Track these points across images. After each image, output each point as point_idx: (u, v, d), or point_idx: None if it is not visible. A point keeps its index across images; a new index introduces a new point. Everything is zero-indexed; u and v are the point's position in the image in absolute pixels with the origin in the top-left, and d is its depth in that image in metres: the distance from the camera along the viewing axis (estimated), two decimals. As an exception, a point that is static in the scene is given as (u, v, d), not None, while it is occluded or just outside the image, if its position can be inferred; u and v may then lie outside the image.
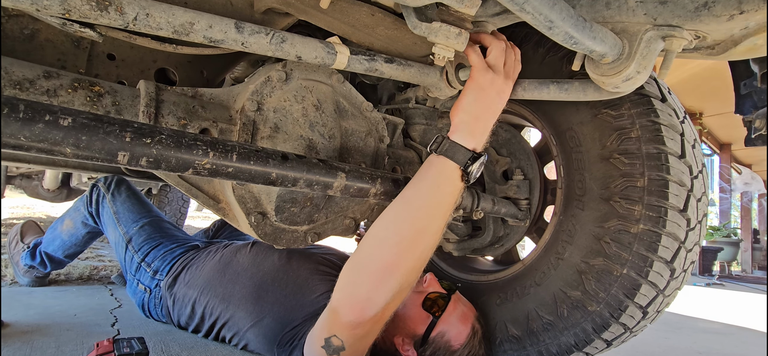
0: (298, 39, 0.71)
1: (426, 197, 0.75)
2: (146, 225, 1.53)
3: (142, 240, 1.48)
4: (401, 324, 1.06)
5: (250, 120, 0.82)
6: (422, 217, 0.74)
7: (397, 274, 0.72)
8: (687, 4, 0.60)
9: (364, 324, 0.74)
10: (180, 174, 0.74)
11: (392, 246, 0.73)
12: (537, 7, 0.56)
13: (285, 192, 0.87)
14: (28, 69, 0.68)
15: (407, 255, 0.73)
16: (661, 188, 0.89)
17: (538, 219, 1.23)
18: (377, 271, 0.73)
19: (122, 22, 0.59)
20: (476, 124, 0.77)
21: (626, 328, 0.96)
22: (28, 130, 0.47)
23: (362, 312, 0.73)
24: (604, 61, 0.70)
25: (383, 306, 0.73)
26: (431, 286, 1.11)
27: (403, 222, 0.74)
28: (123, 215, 1.56)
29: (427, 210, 0.74)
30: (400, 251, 0.73)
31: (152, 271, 1.41)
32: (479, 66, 0.77)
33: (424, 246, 0.74)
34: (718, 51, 0.67)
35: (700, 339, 2.15)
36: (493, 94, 0.78)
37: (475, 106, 0.77)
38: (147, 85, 0.74)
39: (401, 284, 0.73)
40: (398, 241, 0.73)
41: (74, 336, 1.27)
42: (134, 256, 1.46)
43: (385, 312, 0.75)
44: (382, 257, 0.73)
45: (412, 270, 0.74)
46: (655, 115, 0.91)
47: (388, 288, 0.72)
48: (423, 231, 0.74)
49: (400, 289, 0.73)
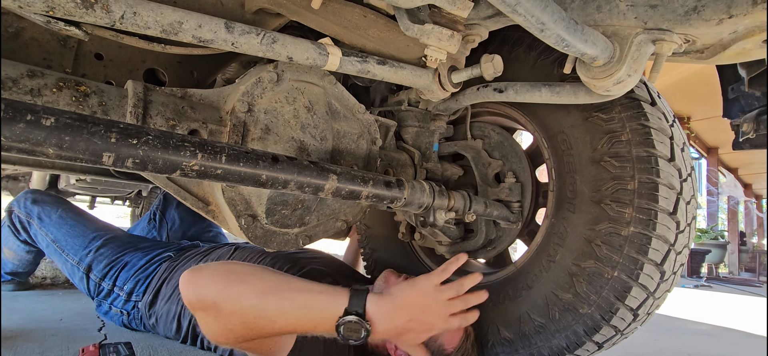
0: (289, 40, 0.71)
1: (302, 299, 0.82)
2: (102, 248, 1.39)
3: (106, 266, 1.36)
4: None
5: (240, 121, 0.81)
6: (284, 299, 0.81)
7: (233, 295, 0.81)
8: (677, 8, 0.61)
9: (185, 298, 0.84)
10: (168, 176, 0.73)
11: (248, 279, 0.83)
12: (529, 10, 0.56)
13: (276, 195, 0.86)
14: (11, 68, 0.66)
15: (251, 295, 0.81)
16: (651, 191, 0.90)
17: (529, 222, 1.23)
18: (228, 276, 0.83)
19: (108, 21, 0.57)
20: (386, 317, 0.84)
21: (617, 330, 0.97)
22: (8, 130, 0.46)
23: (185, 285, 0.83)
24: (595, 64, 0.71)
25: (197, 299, 0.82)
26: None
27: (269, 279, 0.84)
28: (66, 242, 1.41)
29: (288, 299, 0.81)
30: (247, 286, 0.81)
31: (126, 294, 1.33)
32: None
33: (256, 312, 0.80)
34: (707, 55, 0.68)
35: (690, 340, 2.17)
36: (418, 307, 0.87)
37: (390, 305, 0.85)
38: (135, 85, 0.73)
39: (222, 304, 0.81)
40: (253, 283, 0.82)
41: (59, 342, 1.24)
42: (101, 284, 1.36)
43: (195, 308, 0.83)
44: (240, 278, 0.83)
45: (242, 309, 0.81)
46: (645, 118, 0.92)
47: (214, 293, 0.81)
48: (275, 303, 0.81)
49: (217, 305, 0.81)
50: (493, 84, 0.97)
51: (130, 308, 1.32)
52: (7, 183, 2.96)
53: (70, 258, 1.39)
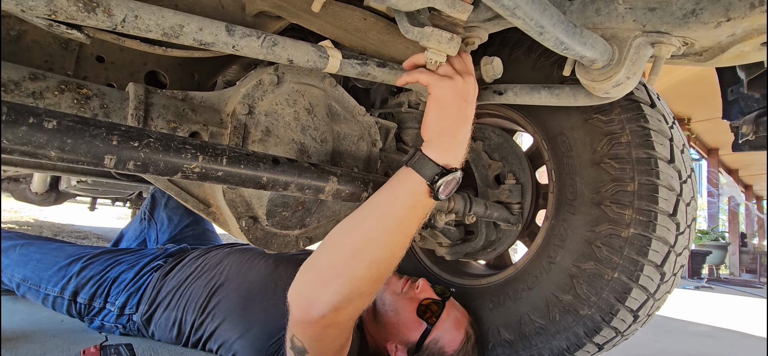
0: (290, 42, 0.71)
1: (385, 208, 0.72)
2: (84, 270, 1.31)
3: (92, 286, 1.29)
4: (393, 331, 1.06)
5: (241, 123, 0.82)
6: (377, 228, 0.71)
7: (343, 279, 0.69)
8: (675, 11, 0.61)
9: (312, 324, 0.71)
10: (169, 178, 0.73)
11: (341, 250, 0.71)
12: (528, 13, 0.56)
13: (276, 197, 0.86)
14: (13, 70, 0.67)
15: (354, 263, 0.70)
16: (650, 192, 0.90)
17: (530, 224, 1.24)
18: (322, 273, 0.71)
19: (110, 24, 0.58)
20: (446, 139, 0.73)
21: (618, 332, 0.97)
22: (11, 133, 0.46)
23: (307, 311, 0.70)
24: (594, 66, 0.71)
25: (329, 308, 0.69)
26: (424, 292, 1.10)
27: (357, 229, 0.72)
28: (39, 277, 1.31)
29: (384, 221, 0.71)
30: (347, 257, 0.70)
31: (118, 309, 1.27)
32: (432, 80, 0.72)
33: (375, 256, 0.70)
34: (705, 57, 0.68)
35: (690, 341, 2.17)
36: (458, 101, 0.73)
37: (441, 121, 0.72)
38: (136, 88, 0.73)
39: (350, 291, 0.69)
40: (347, 247, 0.71)
41: (60, 343, 1.24)
42: (92, 304, 1.29)
43: (337, 317, 0.71)
44: (330, 260, 0.72)
45: (363, 278, 0.70)
46: (645, 120, 0.92)
47: (333, 291, 0.69)
48: (374, 242, 0.70)
49: (350, 296, 0.70)
50: (493, 86, 0.97)
51: (124, 321, 1.29)
52: (8, 185, 2.97)
53: (49, 290, 1.31)
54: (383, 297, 1.12)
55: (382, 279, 0.73)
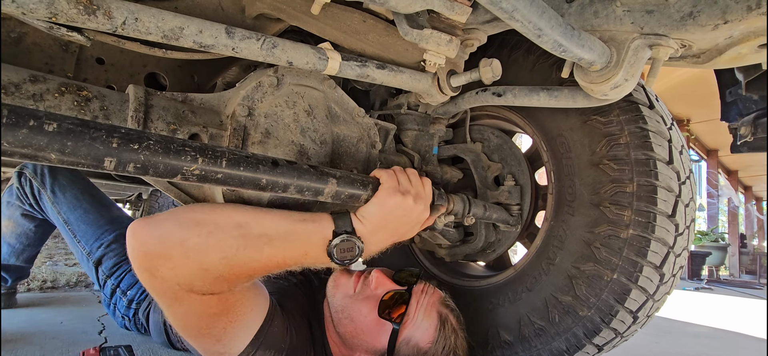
0: (289, 44, 0.71)
1: (286, 218, 0.74)
2: (114, 243, 1.30)
3: (114, 264, 1.28)
4: (356, 342, 0.91)
5: (240, 125, 0.82)
6: (265, 230, 0.71)
7: (197, 230, 0.67)
8: (673, 14, 0.61)
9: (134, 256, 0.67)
10: (169, 180, 0.73)
11: (229, 212, 0.71)
12: (526, 16, 0.56)
13: (276, 198, 0.86)
14: (13, 72, 0.67)
15: (222, 230, 0.68)
16: (649, 194, 0.90)
17: (529, 225, 1.24)
18: (190, 210, 0.70)
19: (110, 27, 0.58)
20: (372, 226, 0.77)
21: (617, 333, 0.97)
22: (11, 136, 0.46)
23: (139, 231, 0.67)
24: (592, 68, 0.71)
25: (157, 238, 0.66)
26: (381, 286, 0.94)
27: (246, 210, 0.72)
28: (78, 228, 1.32)
29: (277, 225, 0.72)
30: (225, 219, 0.69)
31: (127, 301, 1.26)
32: (383, 191, 0.78)
33: (240, 245, 0.68)
34: (703, 59, 0.69)
35: (690, 343, 2.17)
36: (397, 212, 0.78)
37: (376, 215, 0.77)
38: (136, 90, 0.73)
39: (189, 241, 0.66)
40: (236, 215, 0.70)
41: (60, 345, 1.24)
42: (107, 281, 1.29)
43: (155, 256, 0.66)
44: (206, 210, 0.71)
45: (213, 245, 0.67)
46: (644, 121, 0.93)
47: (180, 227, 0.67)
48: (254, 237, 0.70)
49: (184, 242, 0.66)
50: (492, 88, 0.98)
51: (131, 315, 1.28)
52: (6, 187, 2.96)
53: (80, 245, 1.31)
54: (334, 303, 0.96)
55: (232, 266, 0.68)
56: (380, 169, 0.82)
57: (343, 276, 1.00)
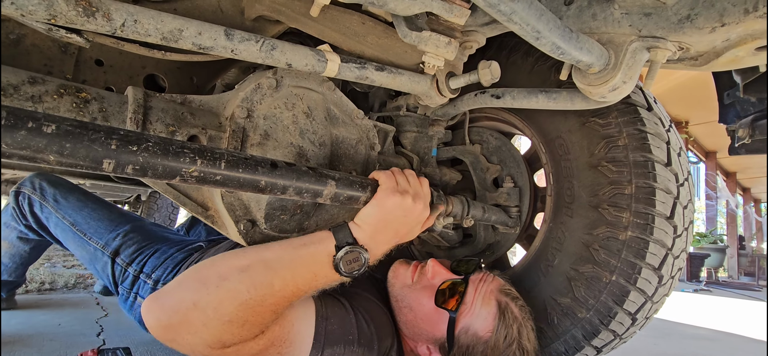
0: (288, 46, 0.71)
1: (289, 246, 0.76)
2: (132, 233, 1.30)
3: (135, 250, 1.27)
4: (418, 330, 0.93)
5: (239, 127, 0.82)
6: (272, 259, 0.73)
7: (207, 284, 0.69)
8: (670, 17, 0.62)
9: (155, 331, 0.69)
10: (168, 181, 0.73)
11: (228, 258, 0.73)
12: (524, 18, 0.56)
13: (275, 200, 0.86)
14: (12, 74, 0.67)
15: (227, 272, 0.71)
16: (648, 195, 0.90)
17: (528, 227, 1.24)
18: (197, 270, 0.72)
19: (109, 29, 0.58)
20: (370, 231, 0.78)
21: (616, 335, 0.97)
22: (9, 137, 0.46)
23: (153, 307, 0.69)
24: (590, 71, 0.72)
25: (170, 309, 0.68)
26: (438, 275, 0.95)
27: (253, 250, 0.75)
28: (88, 226, 1.30)
29: (283, 254, 0.74)
30: (226, 265, 0.72)
31: (153, 281, 1.22)
32: (381, 192, 0.78)
33: (251, 280, 0.71)
34: (701, 62, 0.69)
35: (689, 345, 2.17)
36: (397, 212, 0.78)
37: (374, 217, 0.78)
38: (135, 92, 0.73)
39: (200, 298, 0.68)
40: (236, 258, 0.73)
41: (58, 347, 1.24)
42: (127, 270, 1.26)
43: (175, 326, 0.68)
44: (210, 264, 0.72)
45: (224, 292, 0.69)
46: (642, 123, 0.93)
47: (188, 290, 0.69)
48: (261, 267, 0.72)
49: (197, 304, 0.68)
50: (491, 90, 0.98)
51: None
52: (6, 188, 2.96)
53: (92, 242, 1.28)
54: (394, 293, 0.99)
55: (248, 305, 0.70)
56: (378, 171, 0.82)
57: (401, 267, 1.02)
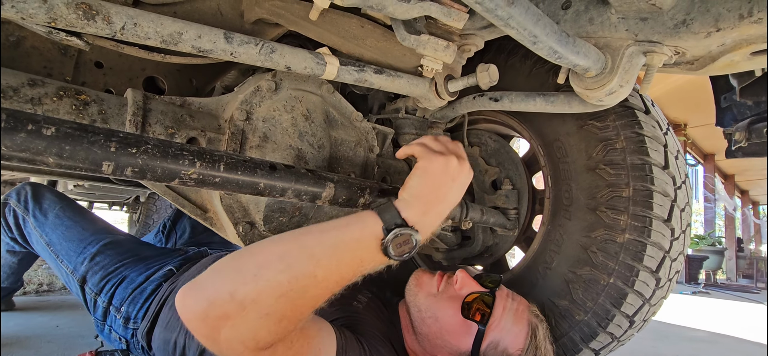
0: (287, 49, 0.71)
1: (332, 229, 0.66)
2: (98, 256, 1.19)
3: (101, 279, 1.17)
4: (439, 342, 0.89)
5: (238, 129, 0.82)
6: (313, 242, 0.64)
7: (243, 273, 0.61)
8: (666, 21, 0.62)
9: (188, 322, 0.60)
10: (166, 184, 0.73)
11: (266, 245, 0.64)
12: (521, 23, 0.57)
13: (273, 202, 0.86)
14: (12, 76, 0.67)
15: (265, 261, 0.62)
16: (645, 198, 0.91)
17: (526, 229, 1.24)
18: (233, 259, 0.63)
19: (109, 32, 0.58)
20: (420, 204, 0.69)
21: (613, 337, 0.97)
22: (9, 140, 0.46)
23: (186, 298, 0.60)
24: (587, 74, 0.72)
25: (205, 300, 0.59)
26: (466, 286, 0.92)
27: (291, 235, 0.66)
28: (61, 247, 1.22)
29: (325, 238, 0.65)
30: (264, 253, 0.63)
31: (123, 319, 1.12)
32: (424, 152, 0.72)
33: (289, 268, 0.62)
34: (697, 66, 0.69)
35: (687, 347, 2.17)
36: (444, 177, 0.71)
37: (421, 188, 0.70)
38: (134, 94, 0.74)
39: (238, 289, 0.59)
40: (274, 246, 0.64)
41: (56, 349, 1.24)
42: (96, 300, 1.17)
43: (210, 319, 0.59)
44: (250, 252, 0.64)
45: (262, 282, 0.60)
46: (639, 126, 0.93)
47: (224, 281, 0.60)
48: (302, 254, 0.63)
49: (234, 295, 0.59)
50: (489, 93, 0.98)
51: (129, 336, 1.13)
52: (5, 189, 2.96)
53: (64, 265, 1.20)
54: (417, 302, 0.94)
55: (290, 298, 0.62)
56: (411, 143, 0.75)
57: (426, 275, 0.98)
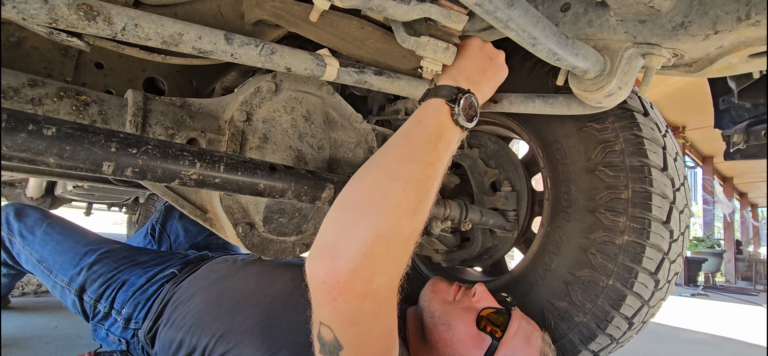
0: (287, 51, 0.72)
1: (409, 130, 0.67)
2: (96, 264, 1.19)
3: (101, 285, 1.17)
4: (450, 351, 0.89)
5: (239, 130, 0.82)
6: (406, 147, 0.64)
7: (375, 211, 0.56)
8: (665, 24, 0.62)
9: (340, 287, 0.53)
10: (166, 184, 0.73)
11: (368, 178, 0.61)
12: (520, 25, 0.57)
13: (273, 203, 0.87)
14: (12, 77, 0.67)
15: (389, 185, 0.59)
16: (644, 200, 0.91)
17: (526, 230, 1.24)
18: (347, 212, 0.58)
19: (110, 32, 0.58)
20: (465, 75, 0.74)
21: (613, 339, 0.97)
22: (9, 140, 0.47)
23: (331, 266, 0.54)
24: (586, 76, 0.72)
25: (359, 254, 0.53)
26: (483, 301, 0.94)
27: (383, 156, 0.64)
28: (53, 261, 1.22)
29: (412, 140, 0.65)
30: (378, 182, 0.60)
31: (124, 320, 1.12)
32: (463, 42, 0.76)
33: (409, 174, 0.60)
34: (695, 68, 0.70)
35: (686, 349, 2.17)
36: (482, 54, 0.77)
37: (463, 62, 0.75)
38: (134, 95, 0.74)
39: (386, 225, 0.55)
40: (375, 173, 0.61)
41: (54, 350, 1.24)
42: (97, 306, 1.17)
43: (372, 272, 0.54)
44: (356, 193, 0.60)
45: (400, 205, 0.57)
46: (638, 128, 0.94)
47: (364, 227, 0.55)
48: (406, 159, 0.62)
49: (387, 233, 0.55)
50: (489, 94, 0.98)
51: (129, 337, 1.13)
52: (4, 190, 2.95)
53: (58, 279, 1.20)
54: (431, 308, 0.96)
55: (421, 211, 0.60)
56: None
57: (443, 283, 1.00)
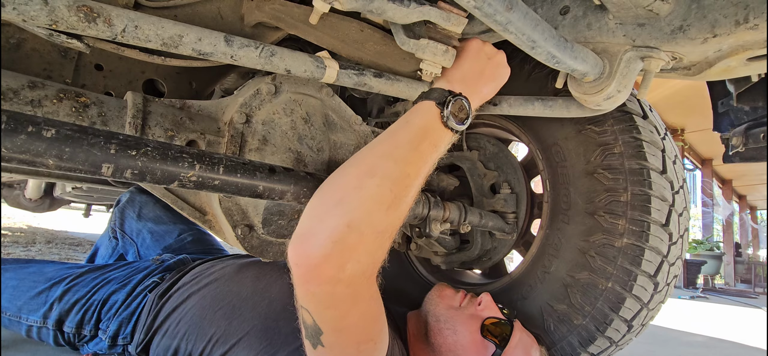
0: (287, 53, 0.72)
1: (395, 129, 0.69)
2: (67, 294, 1.14)
3: (78, 311, 1.12)
4: (451, 355, 0.91)
5: (238, 132, 0.82)
6: (388, 144, 0.66)
7: (347, 201, 0.59)
8: (663, 27, 0.63)
9: (312, 271, 0.58)
10: (166, 186, 0.73)
11: (346, 172, 0.64)
12: (520, 28, 0.57)
13: (272, 205, 0.87)
14: (12, 78, 0.67)
15: (364, 180, 0.61)
16: (643, 203, 0.91)
17: (525, 233, 1.24)
18: (322, 201, 0.62)
19: (110, 34, 0.58)
20: (461, 80, 0.74)
21: (612, 342, 0.97)
22: (9, 141, 0.47)
23: (304, 248, 0.58)
24: (585, 79, 0.73)
25: (327, 239, 0.57)
26: (489, 310, 0.96)
27: (365, 152, 0.67)
28: (17, 308, 1.15)
29: (395, 138, 0.67)
30: (355, 176, 0.63)
31: (110, 338, 1.09)
32: (464, 45, 0.77)
33: (387, 171, 0.62)
34: (694, 72, 0.70)
35: (685, 351, 2.17)
36: (480, 55, 0.77)
37: (461, 66, 0.75)
38: (134, 97, 0.74)
39: (357, 215, 0.58)
40: (355, 167, 0.64)
41: (53, 351, 1.23)
42: (81, 331, 1.13)
43: (341, 258, 0.57)
44: (333, 184, 0.64)
45: (373, 199, 0.60)
46: (637, 131, 0.94)
47: (335, 215, 0.58)
48: (385, 155, 0.64)
49: (357, 223, 0.58)
50: (488, 97, 0.99)
51: (118, 353, 1.11)
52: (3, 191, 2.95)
53: (29, 320, 1.14)
54: (436, 312, 0.97)
55: (396, 206, 0.62)
56: None
57: (449, 290, 1.02)
